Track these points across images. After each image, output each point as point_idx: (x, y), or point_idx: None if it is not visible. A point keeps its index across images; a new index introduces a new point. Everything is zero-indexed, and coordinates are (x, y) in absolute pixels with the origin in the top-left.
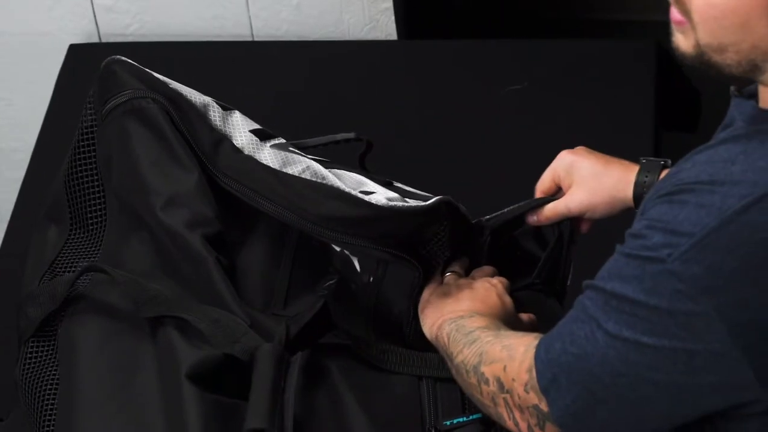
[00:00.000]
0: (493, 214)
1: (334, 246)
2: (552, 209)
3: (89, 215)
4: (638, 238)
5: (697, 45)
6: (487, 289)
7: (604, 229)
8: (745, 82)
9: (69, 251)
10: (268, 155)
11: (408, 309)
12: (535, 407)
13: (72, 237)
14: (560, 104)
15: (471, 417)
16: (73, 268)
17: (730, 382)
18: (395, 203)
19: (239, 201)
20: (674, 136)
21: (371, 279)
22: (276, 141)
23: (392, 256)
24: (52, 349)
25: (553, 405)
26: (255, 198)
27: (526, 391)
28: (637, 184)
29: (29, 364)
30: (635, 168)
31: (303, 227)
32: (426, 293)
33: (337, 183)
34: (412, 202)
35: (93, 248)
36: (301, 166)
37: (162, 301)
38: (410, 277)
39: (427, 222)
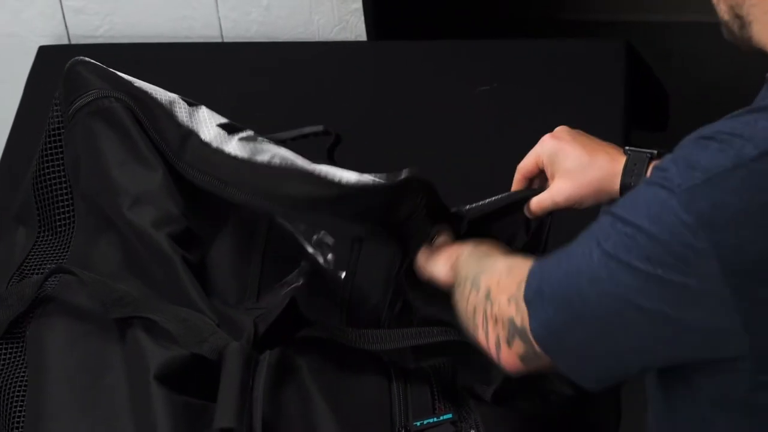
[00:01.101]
0: (473, 205)
1: (306, 243)
2: (538, 204)
3: (57, 217)
4: (660, 170)
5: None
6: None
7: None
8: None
9: (37, 253)
10: (236, 147)
11: (385, 296)
12: (510, 319)
13: (40, 239)
14: (530, 104)
15: (441, 417)
16: (41, 270)
17: (715, 324)
18: (365, 181)
19: (208, 196)
20: (644, 135)
21: (345, 273)
22: (244, 134)
23: (367, 231)
24: (21, 351)
25: (533, 316)
26: (224, 188)
27: (508, 302)
28: (624, 177)
29: None
30: (620, 158)
31: (275, 212)
32: (425, 250)
33: (308, 166)
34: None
35: (61, 250)
36: (270, 154)
37: (130, 301)
38: (387, 260)
39: (400, 197)
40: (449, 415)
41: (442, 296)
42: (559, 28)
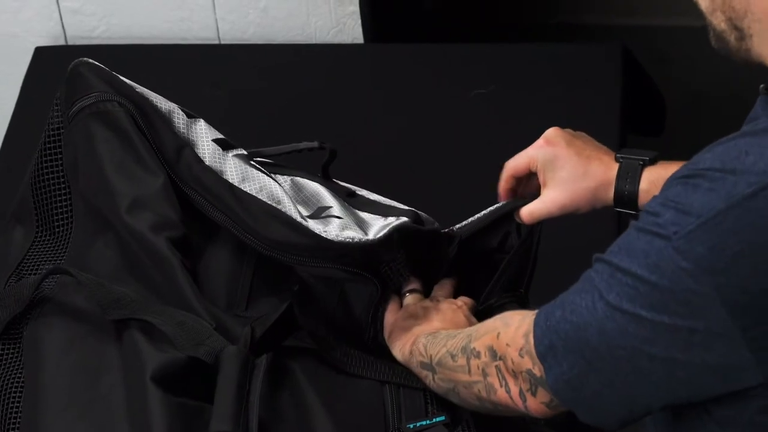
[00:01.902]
0: (464, 223)
1: None
2: (530, 214)
3: (55, 217)
4: (651, 215)
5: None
6: (454, 311)
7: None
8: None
9: (35, 253)
10: (230, 166)
11: (366, 318)
12: (529, 372)
13: (38, 239)
14: (526, 108)
15: (434, 420)
16: (39, 271)
17: (728, 362)
18: (346, 237)
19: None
20: (639, 139)
21: (334, 291)
22: (237, 152)
23: (349, 274)
24: (18, 352)
25: (549, 372)
26: (212, 212)
27: (521, 356)
28: (618, 186)
29: None
30: (614, 165)
31: (256, 247)
32: (389, 317)
33: (291, 211)
34: (369, 231)
35: (59, 250)
36: (259, 183)
37: (127, 303)
38: (366, 298)
39: (381, 251)
40: (442, 418)
41: None
42: (554, 31)
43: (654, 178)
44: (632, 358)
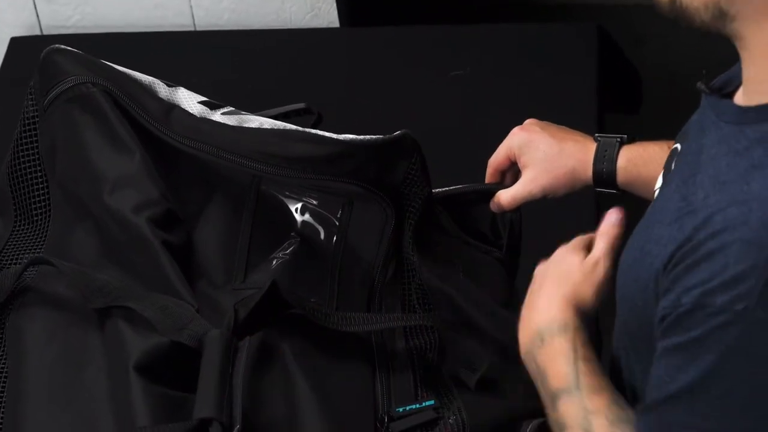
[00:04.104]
0: (440, 189)
1: (294, 212)
2: (513, 197)
3: (33, 206)
4: (692, 315)
5: None
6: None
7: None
8: (719, 34)
9: (14, 243)
10: (222, 119)
11: (377, 255)
12: None
13: (17, 229)
14: (503, 88)
15: (424, 404)
16: (19, 261)
17: None
18: (362, 137)
19: (191, 173)
20: (617, 117)
21: (335, 239)
22: (226, 109)
23: (363, 190)
24: (0, 343)
25: None
26: (218, 153)
27: None
28: (596, 164)
29: None
30: (591, 145)
31: (269, 174)
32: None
33: (299, 128)
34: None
35: (39, 239)
36: (257, 122)
37: (109, 291)
38: (380, 219)
39: (396, 155)
40: (431, 402)
41: (446, 263)
42: (530, 11)
43: (632, 155)
44: None
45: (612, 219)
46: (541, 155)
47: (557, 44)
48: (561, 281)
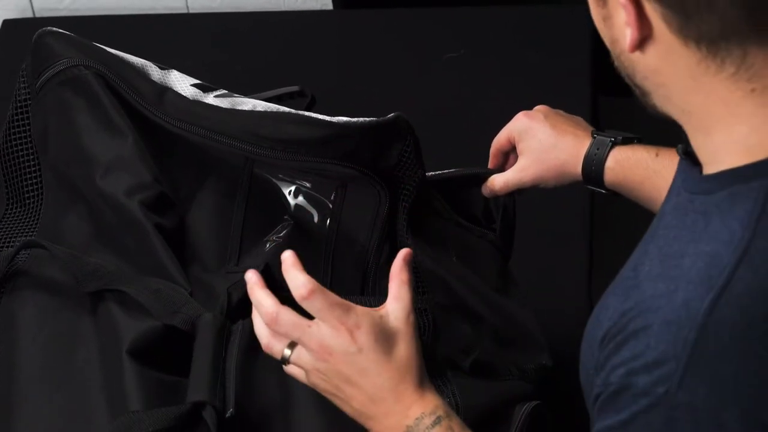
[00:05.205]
0: (433, 173)
1: (288, 195)
2: (505, 182)
3: (26, 190)
4: (619, 396)
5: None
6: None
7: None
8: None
9: (6, 227)
10: (215, 101)
11: (371, 238)
12: None
13: (9, 212)
14: (498, 70)
15: None
16: (11, 244)
17: None
18: (356, 119)
19: (184, 156)
20: (611, 100)
21: (329, 222)
22: (218, 92)
23: (357, 172)
24: None
25: None
26: (210, 135)
27: None
28: (586, 161)
29: None
30: (586, 141)
31: (262, 157)
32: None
33: (293, 110)
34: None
35: (31, 222)
36: (251, 104)
37: (102, 274)
38: (373, 200)
39: (390, 137)
40: None
41: (439, 246)
42: None
43: (620, 157)
44: None
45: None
46: (536, 144)
47: (551, 26)
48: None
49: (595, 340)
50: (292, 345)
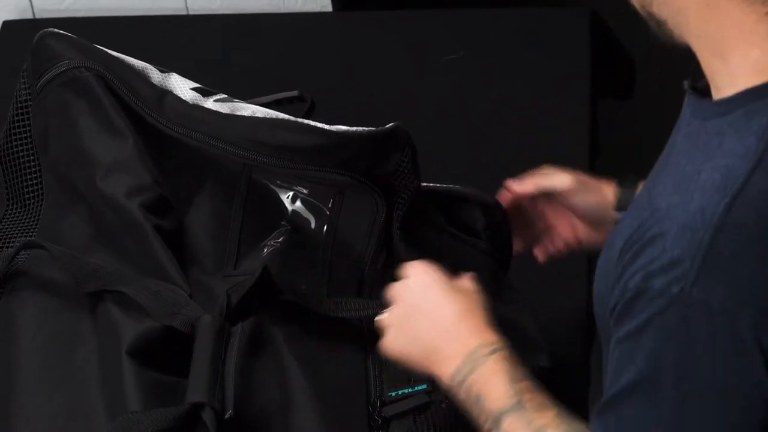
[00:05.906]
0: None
1: (285, 201)
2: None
3: (26, 190)
4: (636, 301)
5: None
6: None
7: None
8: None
9: (7, 227)
10: (214, 106)
11: (368, 246)
12: None
13: (9, 213)
14: (497, 72)
15: (416, 388)
16: (11, 244)
17: None
18: (353, 129)
19: (183, 159)
20: (610, 102)
21: (326, 228)
22: (218, 96)
23: (354, 180)
24: None
25: None
26: (207, 140)
27: None
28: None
29: None
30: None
31: (259, 164)
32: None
33: (292, 117)
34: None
35: (31, 223)
36: (250, 110)
37: (101, 275)
38: (370, 209)
39: (389, 147)
40: (424, 386)
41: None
42: None
43: None
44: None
45: None
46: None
47: (551, 28)
48: (447, 300)
49: (611, 261)
50: None
